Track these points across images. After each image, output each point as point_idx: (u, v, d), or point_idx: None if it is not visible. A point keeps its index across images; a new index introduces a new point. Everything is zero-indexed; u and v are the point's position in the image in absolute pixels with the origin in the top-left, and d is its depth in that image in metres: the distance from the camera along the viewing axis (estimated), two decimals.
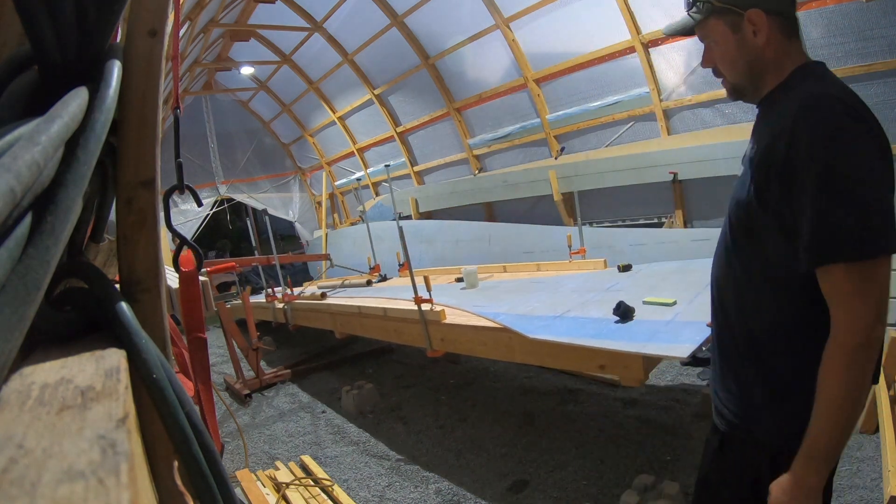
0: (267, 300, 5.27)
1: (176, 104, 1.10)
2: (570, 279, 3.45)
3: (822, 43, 3.69)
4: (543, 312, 2.63)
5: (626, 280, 3.08)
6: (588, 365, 2.18)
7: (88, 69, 0.50)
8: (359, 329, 3.91)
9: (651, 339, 1.95)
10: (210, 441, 0.56)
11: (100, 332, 0.52)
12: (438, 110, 6.70)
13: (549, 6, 4.93)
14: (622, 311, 2.23)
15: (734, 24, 1.00)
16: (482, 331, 2.68)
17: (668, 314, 2.22)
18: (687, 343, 1.82)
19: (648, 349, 1.87)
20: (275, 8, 6.59)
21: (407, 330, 3.27)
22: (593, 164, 5.19)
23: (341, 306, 4.03)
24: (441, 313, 2.92)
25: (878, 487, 2.14)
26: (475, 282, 3.82)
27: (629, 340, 1.98)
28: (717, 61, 1.07)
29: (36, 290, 0.33)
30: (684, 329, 1.97)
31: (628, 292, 2.73)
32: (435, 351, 3.05)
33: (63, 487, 0.25)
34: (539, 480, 2.68)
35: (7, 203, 0.29)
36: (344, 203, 9.47)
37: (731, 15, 1.00)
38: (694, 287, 2.59)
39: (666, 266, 3.27)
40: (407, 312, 3.19)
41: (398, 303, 3.60)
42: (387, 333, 3.55)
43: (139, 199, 0.63)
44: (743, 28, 1.00)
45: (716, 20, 1.03)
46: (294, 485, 2.79)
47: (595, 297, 2.78)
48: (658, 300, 2.40)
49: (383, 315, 3.45)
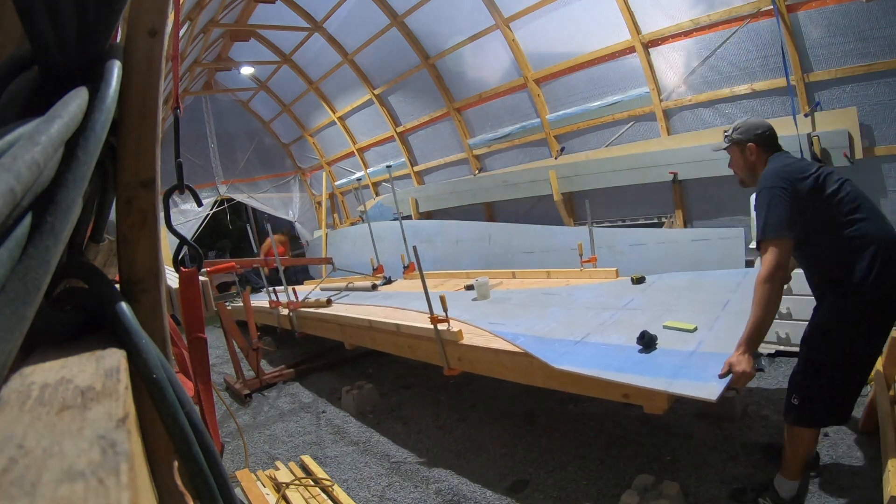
0: (271, 306, 5.21)
1: (176, 104, 1.10)
2: (583, 291, 3.41)
3: (822, 43, 3.69)
4: (562, 335, 2.60)
5: (640, 296, 3.04)
6: (612, 393, 2.19)
7: (88, 69, 0.50)
8: (370, 342, 3.80)
9: (676, 374, 1.96)
10: (210, 441, 0.56)
11: (100, 332, 0.52)
12: (438, 110, 6.70)
13: (549, 6, 4.93)
14: (646, 340, 2.23)
15: (742, 149, 2.16)
16: (502, 354, 2.64)
17: (691, 343, 2.22)
18: (713, 382, 1.85)
19: (675, 387, 1.88)
20: (275, 8, 6.59)
21: (422, 347, 3.19)
22: (593, 164, 5.19)
23: (351, 318, 3.90)
24: (458, 333, 2.82)
25: (878, 487, 2.14)
26: (487, 293, 3.74)
27: (654, 375, 1.99)
28: (734, 167, 2.23)
29: (36, 290, 0.33)
30: (709, 363, 1.98)
31: (645, 312, 2.72)
32: (452, 370, 2.98)
33: (63, 487, 0.25)
34: (539, 480, 2.68)
35: (7, 203, 0.29)
36: (344, 203, 9.47)
37: (741, 145, 2.15)
38: (711, 308, 2.59)
39: (679, 279, 3.23)
40: (421, 330, 3.08)
41: (409, 314, 3.53)
42: (400, 349, 3.45)
43: (139, 199, 0.64)
44: (745, 150, 2.15)
45: (735, 146, 2.18)
46: (294, 485, 2.79)
47: (612, 316, 2.75)
48: (679, 325, 2.40)
49: (396, 330, 3.36)
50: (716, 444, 2.71)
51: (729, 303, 2.62)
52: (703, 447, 2.70)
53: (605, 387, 2.15)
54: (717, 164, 4.26)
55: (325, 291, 5.41)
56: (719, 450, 2.65)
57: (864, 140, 3.64)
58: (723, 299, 2.67)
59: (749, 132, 2.11)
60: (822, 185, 1.95)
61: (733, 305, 2.56)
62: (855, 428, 2.61)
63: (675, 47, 4.46)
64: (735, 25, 4.03)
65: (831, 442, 2.56)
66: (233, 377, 4.94)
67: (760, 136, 2.10)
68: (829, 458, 2.44)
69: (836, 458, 2.43)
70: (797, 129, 3.67)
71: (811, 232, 1.95)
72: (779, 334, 3.56)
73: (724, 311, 2.50)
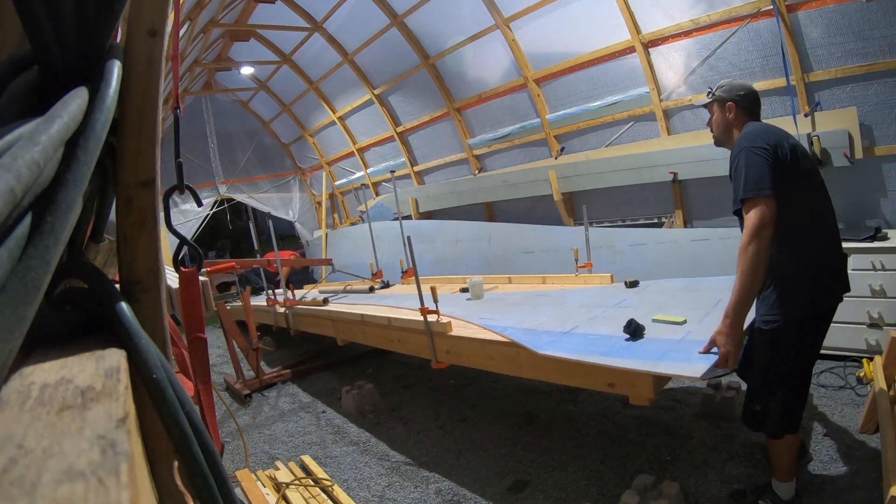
0: (268, 304, 5.24)
1: (176, 104, 1.10)
2: (577, 293, 3.41)
3: (822, 43, 3.69)
4: (551, 327, 2.59)
5: (633, 296, 3.04)
6: (597, 382, 2.16)
7: (88, 69, 0.50)
8: (361, 337, 3.85)
9: (662, 358, 1.92)
10: (210, 441, 0.56)
11: (100, 332, 0.52)
12: (438, 110, 6.70)
13: (549, 6, 4.93)
14: (633, 328, 2.19)
15: (722, 107, 2.10)
16: (489, 344, 2.65)
17: (679, 333, 2.19)
18: (699, 363, 1.79)
19: (659, 368, 1.84)
20: (275, 8, 6.59)
21: (411, 340, 3.22)
22: (593, 164, 5.19)
23: (343, 314, 3.97)
24: (447, 325, 2.86)
25: (878, 487, 2.14)
26: (480, 293, 3.78)
27: (639, 359, 1.95)
28: (713, 124, 2.16)
29: (36, 290, 0.33)
30: (695, 348, 1.95)
31: (637, 309, 2.70)
32: (440, 363, 3.00)
33: (63, 487, 0.25)
34: (539, 480, 2.68)
35: (7, 203, 0.29)
36: (344, 203, 9.47)
37: (722, 102, 2.09)
38: (703, 305, 2.56)
39: (674, 283, 3.23)
40: (411, 322, 3.12)
41: (402, 312, 3.56)
42: (390, 343, 3.49)
43: (139, 199, 0.64)
44: (725, 108, 2.09)
45: (716, 103, 2.12)
46: (294, 485, 2.79)
47: (603, 312, 2.75)
48: (668, 318, 2.38)
49: (387, 324, 3.39)
50: (716, 444, 2.71)
51: (721, 301, 2.59)
52: (703, 447, 2.70)
53: (590, 375, 2.14)
54: (717, 164, 4.26)
55: (324, 294, 5.42)
56: (719, 450, 2.65)
57: (864, 140, 3.64)
58: (715, 298, 2.65)
59: (732, 91, 2.05)
60: (797, 159, 1.89)
61: (725, 302, 2.54)
62: (855, 428, 2.61)
63: (675, 47, 4.46)
64: (735, 25, 4.03)
65: (831, 442, 2.56)
66: (233, 377, 4.94)
67: (742, 98, 2.03)
68: (829, 458, 2.44)
69: (836, 458, 2.43)
70: (797, 129, 3.67)
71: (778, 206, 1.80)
72: None
73: (714, 308, 2.48)
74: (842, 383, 3.09)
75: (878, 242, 3.22)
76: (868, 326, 3.20)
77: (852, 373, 3.14)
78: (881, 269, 3.14)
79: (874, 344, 3.17)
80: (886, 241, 3.23)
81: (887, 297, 3.12)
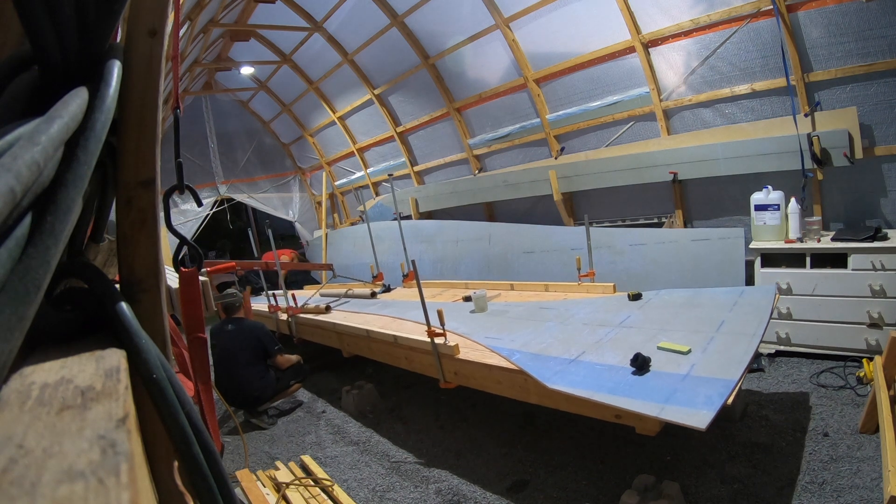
0: (270, 310, 5.22)
1: (176, 104, 1.10)
2: (580, 306, 3.42)
3: (822, 43, 3.69)
4: (558, 352, 2.62)
5: (637, 312, 3.04)
6: (605, 414, 2.21)
7: (88, 69, 0.50)
8: (367, 352, 3.83)
9: (668, 399, 1.97)
10: (210, 441, 0.56)
11: (100, 332, 0.52)
12: (438, 110, 6.70)
13: (549, 6, 4.93)
14: (639, 363, 2.25)
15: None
16: (497, 370, 2.67)
17: (684, 365, 2.23)
18: (704, 409, 1.84)
19: (665, 414, 1.89)
20: (275, 8, 6.59)
21: (418, 359, 3.23)
22: (593, 164, 5.19)
23: (349, 327, 3.93)
24: (455, 348, 2.87)
25: (878, 487, 2.14)
26: (484, 305, 3.76)
27: (646, 399, 2.00)
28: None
29: (36, 289, 0.33)
30: (701, 388, 1.99)
31: (640, 329, 2.73)
32: (448, 383, 3.02)
33: (63, 487, 0.25)
34: (539, 480, 2.68)
35: (7, 203, 0.29)
36: (344, 203, 9.47)
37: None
38: (706, 327, 2.59)
39: (676, 296, 3.23)
40: (419, 343, 3.11)
41: (406, 325, 3.54)
42: (397, 360, 3.49)
43: (139, 199, 0.64)
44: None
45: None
46: (294, 485, 2.79)
47: (608, 334, 2.77)
48: (673, 346, 2.41)
49: (394, 342, 3.39)
50: (716, 444, 2.71)
51: (724, 323, 2.61)
52: (703, 447, 2.70)
53: (597, 407, 2.17)
54: (717, 164, 4.26)
55: (325, 297, 5.42)
56: (719, 450, 2.65)
57: (864, 140, 3.64)
58: (718, 318, 2.67)
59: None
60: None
61: (728, 326, 2.56)
62: (855, 428, 2.61)
63: (675, 47, 4.46)
64: (735, 25, 4.03)
65: (831, 442, 2.56)
66: None
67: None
68: (829, 458, 2.44)
69: (836, 458, 2.43)
70: (797, 129, 3.67)
71: None
72: (779, 334, 3.56)
73: (718, 332, 2.51)
74: (842, 383, 3.09)
75: (878, 242, 3.22)
76: (868, 326, 3.20)
77: (852, 373, 3.14)
78: (881, 269, 3.14)
79: (874, 344, 3.17)
80: (886, 241, 3.23)
81: (887, 297, 3.12)
